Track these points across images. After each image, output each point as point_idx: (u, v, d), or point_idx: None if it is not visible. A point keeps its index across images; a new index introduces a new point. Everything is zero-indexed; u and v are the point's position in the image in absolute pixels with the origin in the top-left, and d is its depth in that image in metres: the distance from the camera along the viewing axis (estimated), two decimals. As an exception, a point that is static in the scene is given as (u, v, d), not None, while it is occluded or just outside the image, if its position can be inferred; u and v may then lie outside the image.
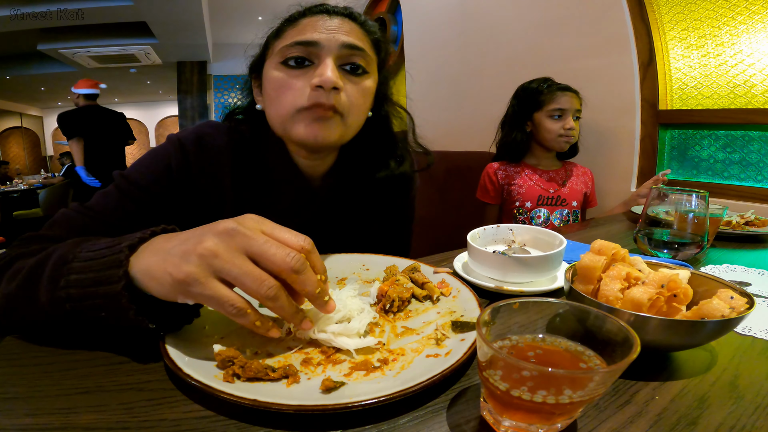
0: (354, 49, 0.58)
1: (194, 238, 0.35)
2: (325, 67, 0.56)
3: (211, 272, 0.34)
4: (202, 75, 6.71)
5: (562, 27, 1.63)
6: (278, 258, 0.35)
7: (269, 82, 0.60)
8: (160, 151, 0.63)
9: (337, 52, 0.57)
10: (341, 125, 0.59)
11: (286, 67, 0.58)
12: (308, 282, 0.37)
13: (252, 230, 0.36)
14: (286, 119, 0.59)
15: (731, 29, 1.23)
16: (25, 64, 6.47)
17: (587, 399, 0.25)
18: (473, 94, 2.19)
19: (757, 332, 0.44)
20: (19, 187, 5.66)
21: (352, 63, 0.59)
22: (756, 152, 1.22)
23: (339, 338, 0.39)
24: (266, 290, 0.34)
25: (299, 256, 0.36)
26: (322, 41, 0.57)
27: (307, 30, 0.58)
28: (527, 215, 1.36)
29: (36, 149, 10.04)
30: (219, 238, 0.35)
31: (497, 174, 1.40)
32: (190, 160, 0.62)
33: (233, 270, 0.34)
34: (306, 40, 0.57)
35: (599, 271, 0.43)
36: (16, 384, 0.34)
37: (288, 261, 0.35)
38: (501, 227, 0.69)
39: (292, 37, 0.58)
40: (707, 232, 0.68)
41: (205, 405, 0.32)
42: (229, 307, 0.34)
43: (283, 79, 0.58)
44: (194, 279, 0.33)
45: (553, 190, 1.35)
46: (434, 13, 2.43)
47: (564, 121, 1.28)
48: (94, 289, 0.36)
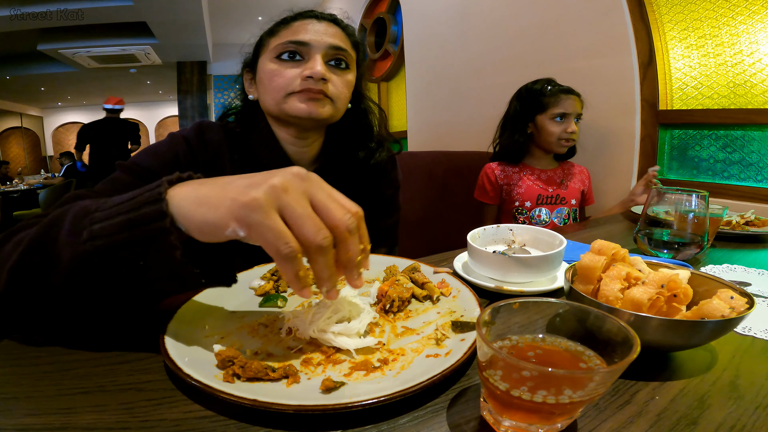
0: (338, 49, 0.69)
1: (261, 174, 0.35)
2: (314, 62, 0.66)
3: (276, 206, 0.33)
4: (202, 75, 6.71)
5: (562, 27, 1.63)
6: (338, 214, 0.35)
7: (264, 72, 0.69)
8: (165, 143, 0.69)
9: (324, 51, 0.67)
10: (330, 104, 0.69)
11: (279, 60, 0.68)
12: (354, 247, 0.36)
13: (319, 182, 0.37)
14: (279, 100, 0.68)
15: (731, 29, 1.23)
16: (25, 64, 6.47)
17: (587, 399, 0.25)
18: (473, 94, 2.19)
19: (757, 332, 0.44)
20: (19, 187, 5.66)
21: (337, 59, 0.69)
22: (756, 152, 1.22)
23: (339, 338, 0.39)
24: (322, 238, 0.34)
25: (355, 219, 0.36)
26: (312, 42, 0.67)
27: (299, 32, 0.68)
28: (527, 215, 1.36)
29: (36, 149, 10.04)
30: (291, 177, 0.35)
31: (496, 174, 1.40)
32: (195, 152, 0.69)
33: (298, 209, 0.33)
34: (298, 40, 0.67)
35: (599, 271, 0.43)
36: (16, 384, 0.34)
37: (345, 219, 0.35)
38: (501, 227, 0.69)
39: (286, 36, 0.68)
40: (707, 232, 0.68)
41: (205, 405, 0.32)
42: (284, 244, 0.33)
43: (277, 70, 0.68)
44: (260, 205, 0.32)
45: (552, 189, 1.36)
46: (434, 13, 2.43)
47: (566, 124, 1.28)
48: (129, 233, 0.34)
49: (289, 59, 0.67)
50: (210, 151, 0.70)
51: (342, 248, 0.36)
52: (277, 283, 0.54)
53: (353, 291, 0.48)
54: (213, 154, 0.70)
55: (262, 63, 0.71)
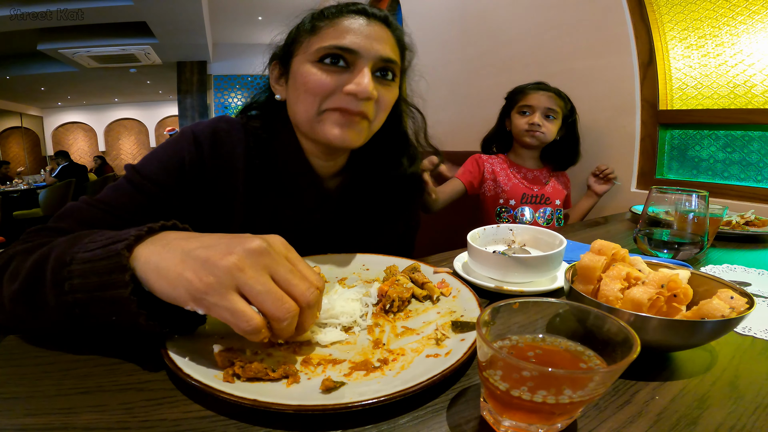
0: (390, 62, 0.59)
1: (220, 246, 0.35)
2: (363, 76, 0.56)
3: (233, 286, 0.33)
4: (202, 75, 6.71)
5: (562, 27, 1.63)
6: (299, 289, 0.35)
7: (301, 76, 0.59)
8: (173, 144, 0.62)
9: (373, 62, 0.58)
10: (367, 129, 0.61)
11: (321, 64, 0.58)
12: (310, 320, 0.37)
13: (279, 255, 0.36)
14: (312, 116, 0.59)
15: (731, 29, 1.23)
16: (25, 64, 6.48)
17: (587, 399, 0.25)
18: (473, 94, 2.19)
19: (757, 332, 0.44)
20: (19, 187, 5.64)
21: (384, 70, 0.60)
22: (756, 152, 1.22)
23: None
24: (285, 312, 0.34)
25: (317, 293, 0.36)
26: (362, 51, 0.57)
27: (346, 33, 0.57)
28: (511, 213, 1.37)
29: (36, 149, 10.04)
30: (247, 254, 0.34)
31: (485, 165, 1.42)
32: (203, 156, 0.62)
33: (257, 286, 0.33)
34: (346, 47, 0.57)
35: (599, 271, 0.43)
36: (16, 384, 0.34)
37: (307, 295, 0.35)
38: (501, 227, 0.69)
39: (331, 38, 0.57)
40: (707, 232, 0.68)
41: (205, 405, 0.32)
42: (244, 323, 0.33)
43: (317, 76, 0.57)
44: (213, 289, 0.33)
45: (537, 188, 1.37)
46: (434, 13, 2.43)
47: (529, 117, 1.31)
48: (101, 294, 0.35)
49: (332, 65, 0.58)
50: (222, 155, 0.63)
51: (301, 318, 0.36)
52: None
53: (354, 293, 0.48)
54: (225, 158, 0.63)
55: (298, 64, 0.60)
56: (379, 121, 0.63)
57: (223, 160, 0.63)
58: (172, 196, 0.60)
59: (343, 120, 0.58)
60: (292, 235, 0.72)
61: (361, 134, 0.60)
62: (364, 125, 0.60)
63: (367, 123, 0.60)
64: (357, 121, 0.59)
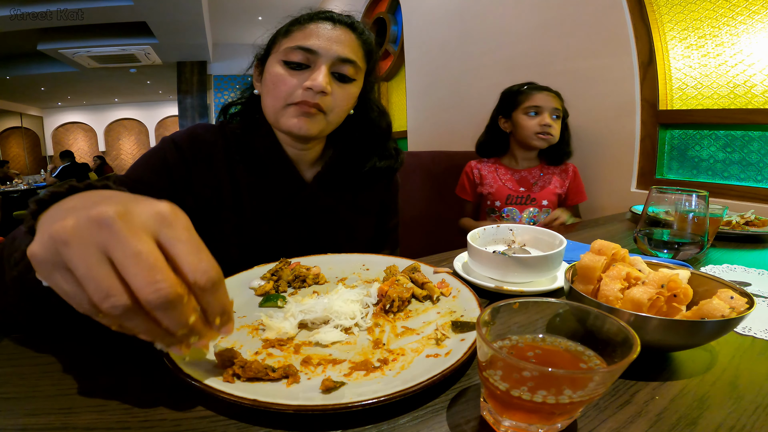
0: (346, 62, 0.67)
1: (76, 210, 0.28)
2: (318, 72, 0.64)
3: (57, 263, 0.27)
4: (202, 75, 6.71)
5: (562, 27, 1.63)
6: (138, 280, 0.26)
7: (270, 75, 0.68)
8: (156, 150, 0.69)
9: (331, 62, 0.66)
10: (323, 121, 0.68)
11: (286, 65, 0.66)
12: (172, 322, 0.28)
13: (135, 229, 0.27)
14: (278, 109, 0.67)
15: (731, 29, 1.23)
16: (25, 64, 6.48)
17: (587, 399, 0.25)
18: (473, 94, 2.19)
19: (757, 332, 0.44)
20: (19, 187, 5.64)
21: (342, 72, 0.67)
22: (756, 152, 1.22)
23: None
24: (108, 306, 0.26)
25: (166, 292, 0.26)
26: (320, 51, 0.65)
27: (311, 36, 0.65)
28: (498, 213, 1.40)
29: (36, 149, 10.05)
30: (84, 223, 0.26)
31: (474, 172, 1.46)
32: (185, 155, 0.68)
33: (80, 268, 0.26)
34: (307, 47, 0.65)
35: (599, 271, 0.43)
36: (16, 384, 0.34)
37: (148, 290, 0.26)
38: (501, 227, 0.69)
39: (297, 40, 0.66)
40: (707, 232, 0.68)
41: (205, 405, 0.32)
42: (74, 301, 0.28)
43: (282, 76, 0.66)
44: (38, 261, 0.27)
45: (523, 189, 1.39)
46: (434, 13, 2.43)
47: (540, 118, 1.31)
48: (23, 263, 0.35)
49: (295, 68, 0.66)
50: (201, 153, 0.70)
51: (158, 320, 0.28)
52: (277, 284, 0.54)
53: (356, 295, 0.48)
54: (204, 155, 0.70)
55: (270, 63, 0.69)
56: (336, 115, 0.69)
57: (202, 157, 0.70)
58: (162, 195, 0.60)
59: (301, 111, 0.65)
60: (274, 226, 0.73)
61: (318, 125, 0.67)
62: (320, 117, 0.67)
63: (323, 115, 0.67)
64: (314, 113, 0.66)
